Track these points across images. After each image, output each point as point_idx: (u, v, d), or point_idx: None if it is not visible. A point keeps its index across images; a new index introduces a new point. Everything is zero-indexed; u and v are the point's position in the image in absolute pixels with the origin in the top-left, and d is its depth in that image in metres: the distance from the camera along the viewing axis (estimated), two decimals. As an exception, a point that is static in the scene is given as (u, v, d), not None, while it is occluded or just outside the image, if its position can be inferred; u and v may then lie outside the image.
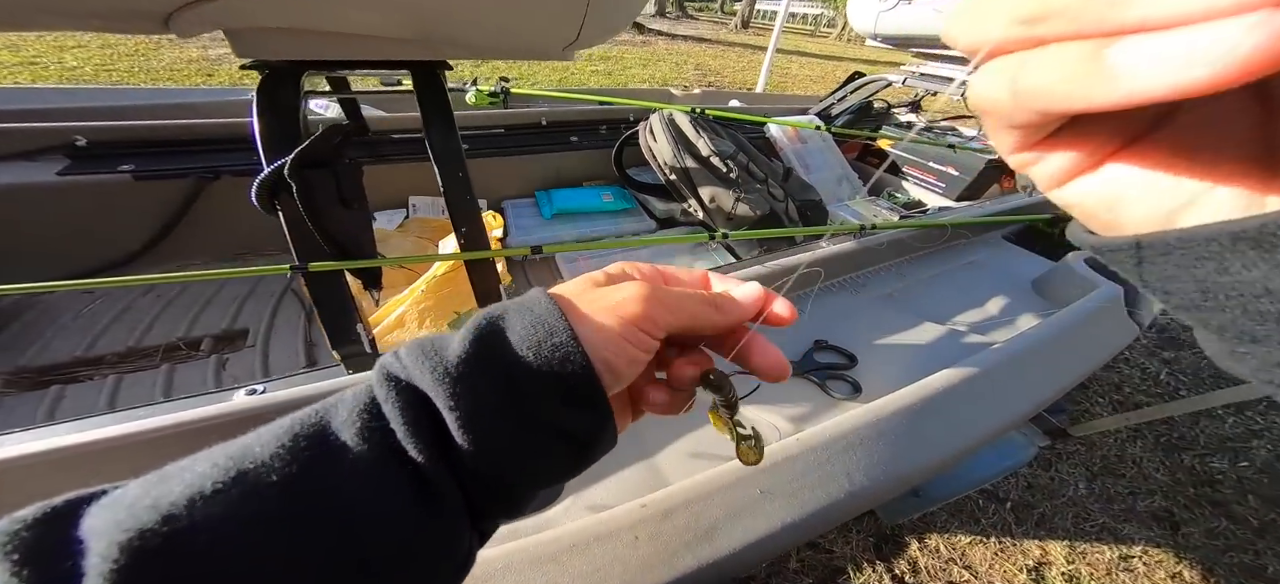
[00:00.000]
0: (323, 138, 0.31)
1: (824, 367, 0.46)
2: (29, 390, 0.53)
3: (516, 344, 0.16)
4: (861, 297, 0.58)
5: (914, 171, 1.21)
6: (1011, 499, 0.91)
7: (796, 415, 0.42)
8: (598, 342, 0.16)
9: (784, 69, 5.23)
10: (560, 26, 0.36)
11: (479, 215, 0.39)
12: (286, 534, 0.13)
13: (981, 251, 0.72)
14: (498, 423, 0.15)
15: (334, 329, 0.35)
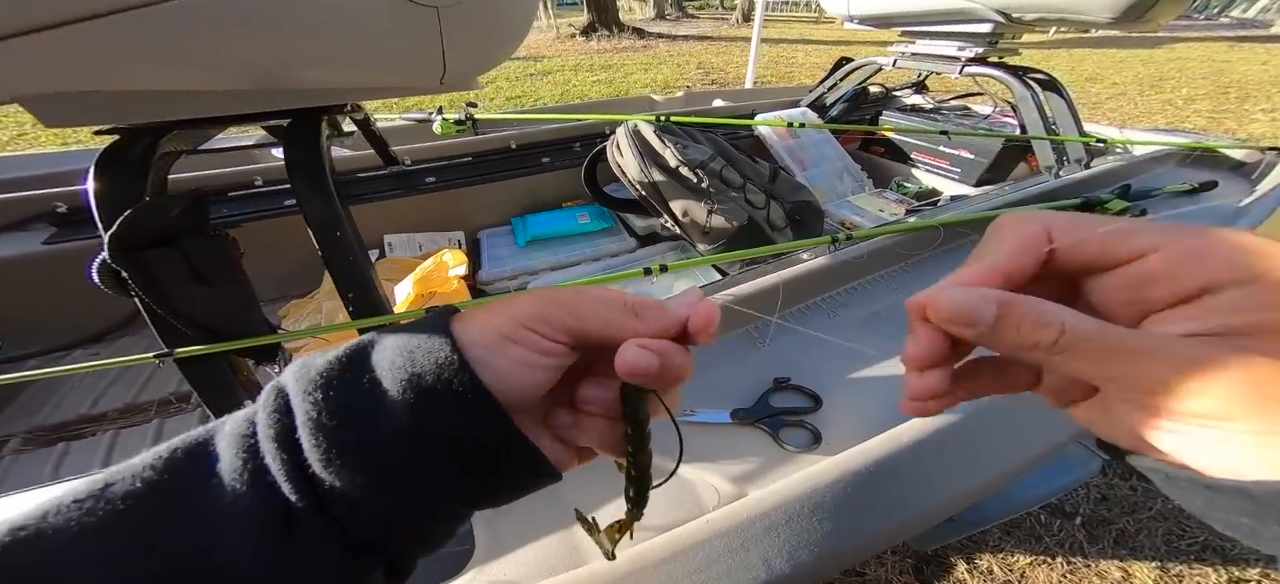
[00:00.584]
0: (148, 212, 0.28)
1: (780, 412, 0.39)
2: (42, 447, 0.54)
3: (386, 350, 0.15)
4: (840, 318, 0.50)
5: (925, 158, 1.10)
6: (1082, 514, 0.79)
7: (739, 475, 0.35)
8: (480, 343, 0.15)
9: (789, 59, 5.06)
10: (421, 67, 0.31)
11: (368, 278, 0.35)
12: (128, 541, 0.13)
13: (994, 249, 0.62)
14: (350, 433, 0.14)
15: (217, 411, 0.32)
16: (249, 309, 0.33)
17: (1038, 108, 0.84)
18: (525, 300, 0.16)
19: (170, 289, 0.29)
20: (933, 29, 0.97)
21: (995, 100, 1.14)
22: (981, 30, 0.88)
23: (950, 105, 1.24)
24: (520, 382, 0.15)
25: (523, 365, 0.15)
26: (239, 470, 0.14)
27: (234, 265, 0.33)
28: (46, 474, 0.50)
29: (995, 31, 0.86)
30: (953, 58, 0.94)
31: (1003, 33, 0.88)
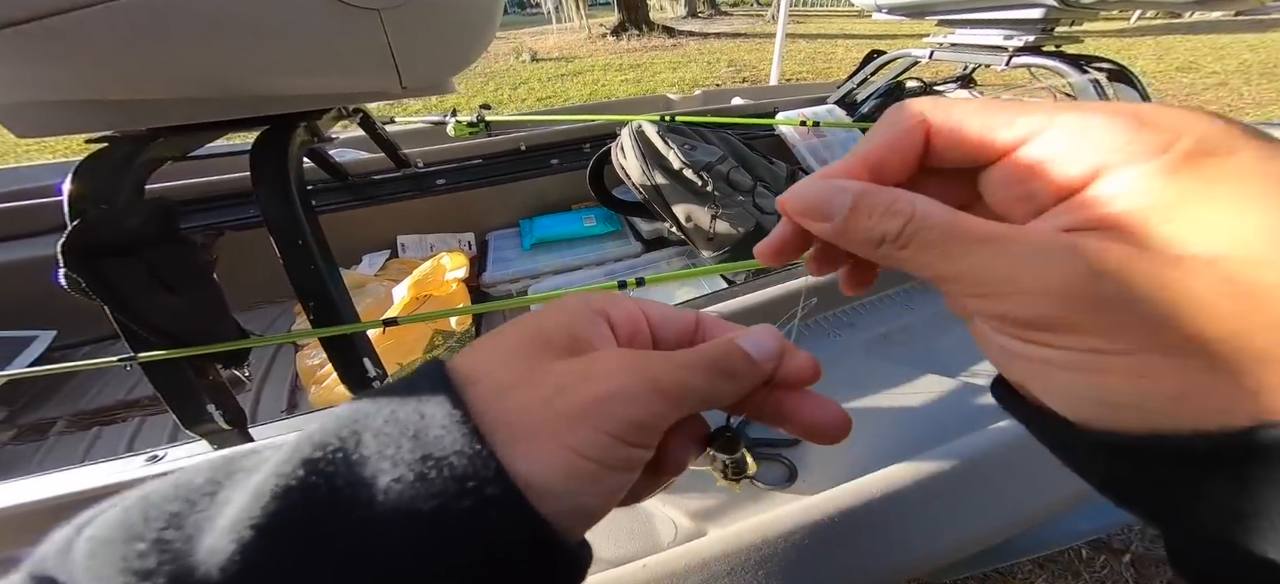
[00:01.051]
0: (103, 222, 0.29)
1: (755, 443, 0.35)
2: (81, 430, 0.60)
3: (384, 511, 0.09)
4: (844, 338, 0.44)
5: (967, 156, 0.99)
6: (1132, 551, 0.69)
7: (700, 510, 0.32)
8: (566, 482, 0.10)
9: (827, 54, 4.83)
10: (373, 71, 0.30)
11: (327, 287, 0.34)
12: None
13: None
14: None
15: (183, 415, 0.33)
16: (217, 315, 0.34)
17: (1102, 101, 0.73)
18: (617, 392, 0.11)
19: (130, 296, 0.29)
20: (974, 17, 0.87)
21: (1054, 94, 1.01)
22: (1032, 16, 0.77)
23: (1003, 99, 1.12)
24: (599, 514, 0.11)
25: (617, 494, 0.11)
26: None
27: (202, 272, 0.33)
28: (79, 455, 0.54)
29: (1049, 17, 0.76)
30: (998, 48, 0.84)
31: (1058, 19, 0.77)
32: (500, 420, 0.10)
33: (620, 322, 0.14)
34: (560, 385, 0.11)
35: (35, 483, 0.31)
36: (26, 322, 0.71)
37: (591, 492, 0.10)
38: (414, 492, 0.09)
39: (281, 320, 0.82)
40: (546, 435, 0.10)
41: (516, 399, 0.11)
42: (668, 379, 0.11)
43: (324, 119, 0.43)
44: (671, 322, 0.15)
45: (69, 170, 0.31)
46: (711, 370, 0.12)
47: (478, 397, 0.11)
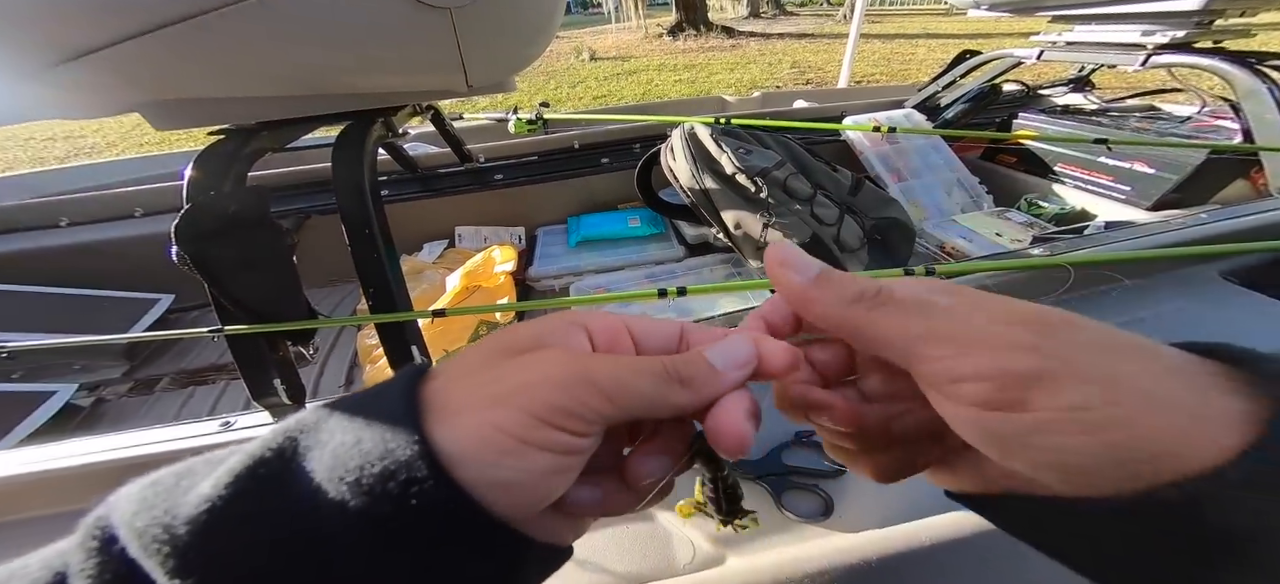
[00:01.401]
0: (208, 207, 0.32)
1: (791, 471, 0.32)
2: (180, 388, 0.69)
3: (319, 475, 0.10)
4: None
5: (1074, 171, 0.86)
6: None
7: (723, 534, 0.30)
8: (479, 451, 0.11)
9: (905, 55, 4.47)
10: (443, 70, 0.32)
11: (386, 276, 0.36)
12: None
13: (1167, 299, 0.44)
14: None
15: (252, 385, 0.36)
16: (293, 295, 0.37)
17: (1279, 106, 0.59)
18: (543, 379, 0.12)
19: (223, 274, 0.32)
20: (1101, 12, 0.74)
21: (1203, 98, 0.84)
22: (1187, 7, 0.64)
23: (1127, 105, 0.95)
24: (540, 496, 0.12)
25: (545, 476, 0.11)
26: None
27: (284, 256, 0.36)
28: (175, 411, 0.63)
29: (1208, 9, 0.63)
30: (1132, 46, 0.71)
31: (1222, 10, 0.63)
32: (438, 403, 0.12)
33: (598, 331, 0.14)
34: (498, 375, 0.12)
35: (123, 438, 0.36)
36: (156, 285, 0.84)
37: (510, 465, 0.11)
38: (351, 454, 0.11)
39: (351, 298, 0.89)
40: (469, 411, 0.11)
41: (459, 387, 0.12)
42: (603, 374, 0.12)
43: (399, 115, 0.46)
44: (655, 333, 0.15)
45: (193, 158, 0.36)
46: (660, 375, 0.13)
47: (431, 387, 0.12)
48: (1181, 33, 0.66)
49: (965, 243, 0.76)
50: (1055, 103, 1.02)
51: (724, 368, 0.13)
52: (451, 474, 0.10)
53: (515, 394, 0.11)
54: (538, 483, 0.11)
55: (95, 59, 0.28)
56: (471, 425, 0.11)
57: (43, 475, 0.36)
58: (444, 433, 0.11)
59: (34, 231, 0.86)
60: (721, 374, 0.13)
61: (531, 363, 0.12)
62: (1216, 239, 0.47)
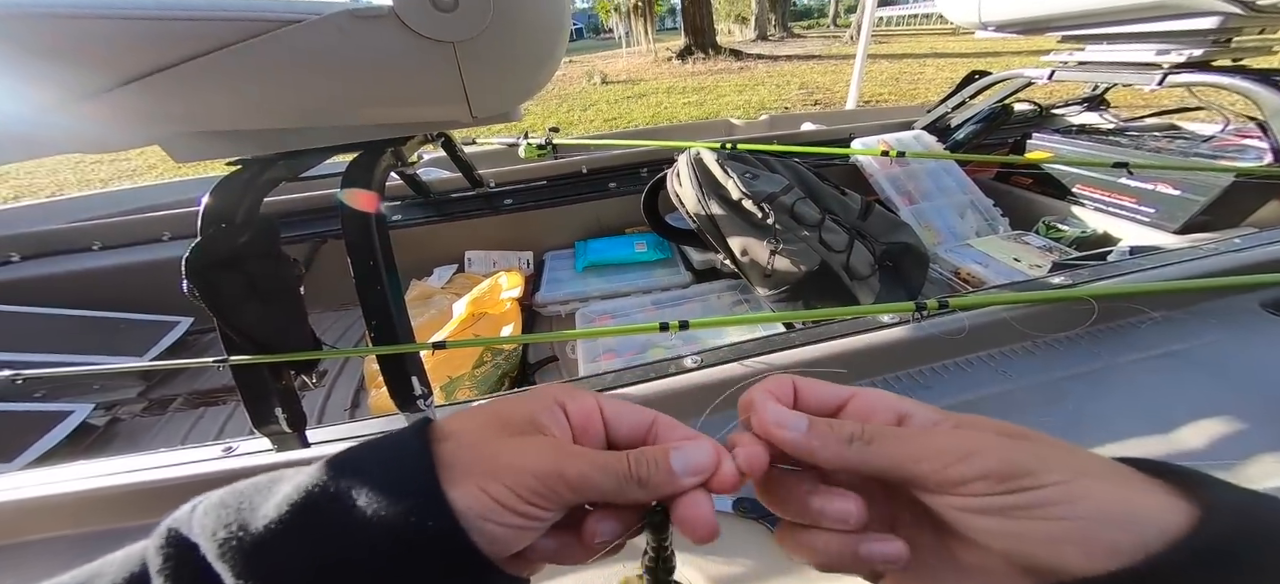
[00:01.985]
0: (220, 238, 0.33)
1: None
2: (192, 408, 0.71)
3: (363, 513, 0.14)
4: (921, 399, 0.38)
5: (1095, 193, 0.84)
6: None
7: (725, 576, 0.28)
8: (478, 509, 0.14)
9: (914, 75, 4.49)
10: (448, 101, 0.32)
11: (388, 306, 0.36)
12: None
13: (1200, 332, 0.41)
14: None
15: (253, 413, 0.36)
16: (296, 325, 0.37)
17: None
18: (527, 468, 0.15)
19: (230, 305, 0.33)
20: (1113, 31, 0.73)
21: (1227, 116, 0.82)
22: (1202, 27, 0.63)
23: (1146, 124, 0.93)
24: (512, 545, 0.15)
25: (517, 533, 0.15)
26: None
27: (289, 286, 0.37)
28: (183, 433, 0.64)
29: (1226, 26, 0.61)
30: (1148, 65, 0.70)
31: (1240, 28, 0.62)
32: (449, 464, 0.15)
33: (575, 414, 0.17)
34: (495, 452, 0.15)
35: (128, 461, 0.36)
36: (180, 306, 0.86)
37: (497, 521, 0.14)
38: (388, 497, 0.14)
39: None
40: (471, 480, 0.15)
41: (466, 454, 0.15)
42: (572, 470, 0.15)
43: (409, 144, 0.47)
44: (625, 418, 0.17)
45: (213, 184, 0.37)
46: (623, 476, 0.15)
47: (444, 450, 0.16)
48: (1198, 51, 0.64)
49: (981, 269, 0.74)
50: (1070, 122, 1.00)
51: (682, 473, 0.15)
52: (459, 524, 0.14)
53: (505, 473, 0.15)
54: (512, 537, 0.15)
55: (118, 94, 0.29)
56: (474, 492, 0.14)
57: (46, 500, 0.36)
58: (456, 494, 0.14)
59: (69, 255, 0.90)
60: (678, 479, 0.15)
61: (521, 449, 0.15)
62: (1254, 267, 0.44)
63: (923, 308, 0.37)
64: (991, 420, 0.15)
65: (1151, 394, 0.37)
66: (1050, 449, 0.14)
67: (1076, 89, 1.05)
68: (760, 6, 9.13)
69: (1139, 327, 0.42)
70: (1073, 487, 0.13)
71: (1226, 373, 0.37)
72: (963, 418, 0.16)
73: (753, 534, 0.30)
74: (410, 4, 0.29)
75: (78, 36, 0.27)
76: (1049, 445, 0.14)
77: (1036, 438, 0.15)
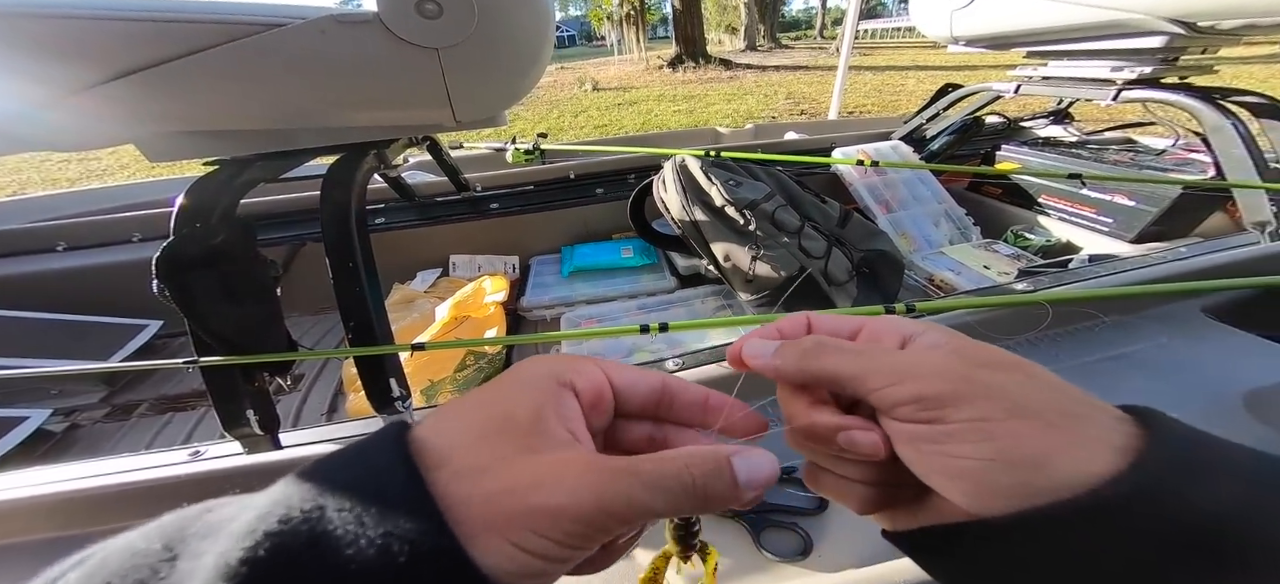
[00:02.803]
0: (193, 239, 0.32)
1: (771, 509, 0.31)
2: (158, 414, 0.68)
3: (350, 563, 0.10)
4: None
5: (1058, 203, 0.88)
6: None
7: (698, 575, 0.29)
8: (517, 568, 0.11)
9: (896, 86, 4.64)
10: (431, 106, 0.33)
11: (367, 309, 0.36)
12: None
13: (1149, 335, 0.44)
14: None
15: (224, 415, 0.36)
16: (271, 327, 0.36)
17: (1244, 141, 0.61)
18: (562, 508, 0.12)
19: (202, 306, 0.32)
20: (1073, 48, 0.77)
21: (1177, 131, 0.87)
22: (1149, 45, 0.67)
23: (1105, 137, 0.98)
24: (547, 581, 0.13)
25: (556, 573, 0.12)
26: None
27: (265, 287, 0.36)
28: (148, 439, 0.61)
29: (1171, 46, 0.66)
30: (1103, 81, 0.74)
31: (1185, 48, 0.66)
32: (460, 513, 0.11)
33: (585, 391, 0.15)
34: (513, 486, 0.12)
35: (88, 466, 0.35)
36: (148, 309, 0.84)
37: (534, 575, 0.12)
38: (381, 565, 0.10)
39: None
40: (496, 532, 0.11)
41: (475, 489, 0.12)
42: (618, 500, 0.12)
43: (392, 147, 0.47)
44: (636, 388, 0.16)
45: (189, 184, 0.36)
46: (680, 494, 0.12)
47: (440, 482, 0.12)
48: (1148, 69, 0.69)
49: (954, 276, 0.77)
50: (1037, 135, 1.05)
51: (747, 487, 0.13)
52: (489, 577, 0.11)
53: (539, 520, 0.12)
54: (555, 576, 0.12)
55: (97, 92, 0.29)
56: (504, 549, 0.11)
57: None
58: (480, 552, 0.11)
59: (31, 256, 0.87)
60: (741, 493, 0.13)
61: (548, 482, 0.12)
62: (1196, 274, 0.47)
63: (892, 312, 0.39)
64: (996, 352, 0.14)
65: (1103, 393, 0.39)
66: (1002, 383, 0.13)
67: (1046, 103, 1.11)
68: (750, 17, 9.35)
69: (1093, 330, 0.44)
70: (989, 426, 0.12)
71: (1169, 374, 0.39)
72: (964, 344, 0.15)
73: (727, 534, 0.31)
74: (394, 10, 0.29)
75: (58, 34, 0.26)
76: (1004, 377, 0.13)
77: (1005, 369, 0.14)
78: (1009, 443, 0.12)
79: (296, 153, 0.42)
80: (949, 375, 0.13)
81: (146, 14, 0.27)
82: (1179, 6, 0.61)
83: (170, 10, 0.28)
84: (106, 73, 0.28)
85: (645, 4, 8.24)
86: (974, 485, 0.13)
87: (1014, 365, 0.14)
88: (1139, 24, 0.65)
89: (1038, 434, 0.12)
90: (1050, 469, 0.12)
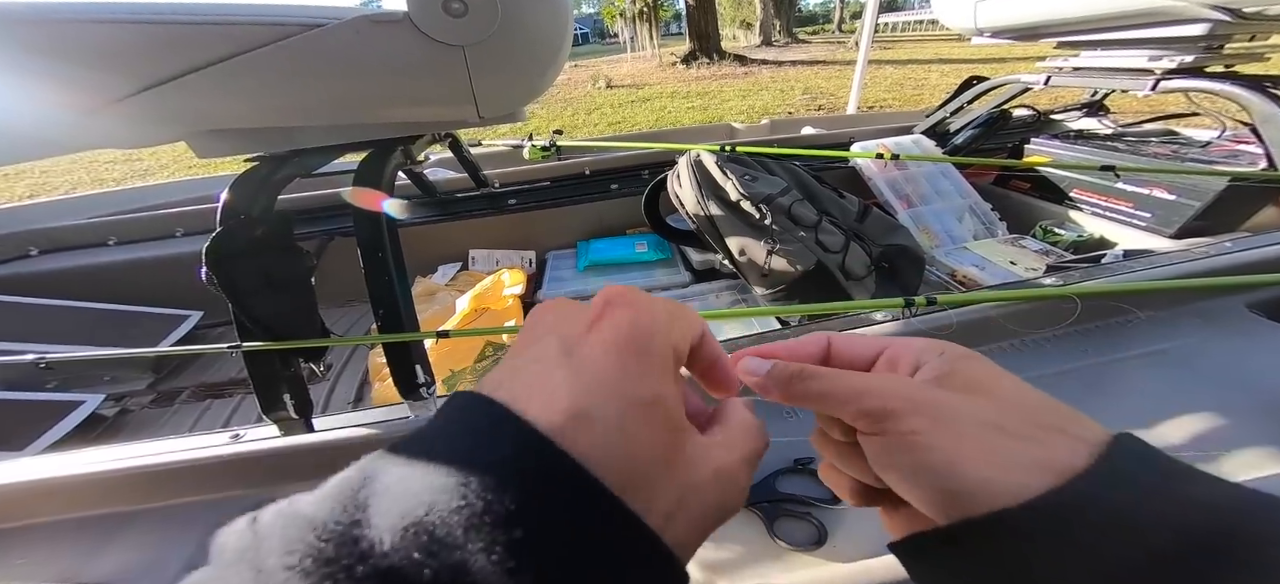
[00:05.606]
0: (237, 230, 0.34)
1: (785, 498, 0.31)
2: (198, 400, 0.72)
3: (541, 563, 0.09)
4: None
5: (1091, 197, 0.85)
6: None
7: (711, 560, 0.29)
8: (688, 536, 0.12)
9: (918, 80, 4.50)
10: (457, 102, 0.34)
11: (395, 297, 0.38)
12: None
13: (1188, 331, 0.42)
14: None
15: (263, 399, 0.38)
16: (309, 315, 0.38)
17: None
18: (730, 504, 0.13)
19: (245, 294, 0.34)
20: (1107, 37, 0.74)
21: (1223, 121, 0.83)
22: (1192, 33, 0.64)
23: (1144, 129, 0.94)
24: None
25: None
26: None
27: (302, 277, 0.38)
28: (190, 423, 0.65)
29: (1216, 34, 0.62)
30: (1141, 71, 0.71)
31: (1230, 34, 0.63)
32: (634, 492, 0.10)
33: (702, 355, 0.16)
34: (693, 484, 0.12)
35: (139, 448, 0.38)
36: (190, 301, 0.88)
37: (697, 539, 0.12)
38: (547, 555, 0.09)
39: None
40: (679, 498, 0.11)
41: (647, 476, 0.11)
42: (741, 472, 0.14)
43: (418, 143, 0.49)
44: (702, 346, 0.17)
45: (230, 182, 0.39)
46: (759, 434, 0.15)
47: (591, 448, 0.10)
48: (1190, 57, 0.65)
49: (978, 271, 0.75)
50: (1069, 128, 1.01)
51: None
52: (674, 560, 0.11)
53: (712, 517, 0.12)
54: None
55: (148, 95, 0.31)
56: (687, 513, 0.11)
57: (55, 482, 0.37)
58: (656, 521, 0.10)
59: (85, 250, 0.93)
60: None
61: (728, 436, 0.14)
62: (1241, 269, 0.45)
63: (911, 304, 0.38)
64: (982, 377, 0.15)
65: (1137, 390, 0.38)
66: (953, 403, 0.14)
67: (1077, 95, 1.06)
68: (765, 12, 9.21)
69: (1126, 326, 0.42)
70: (915, 438, 0.13)
71: (1210, 371, 0.38)
72: (960, 370, 0.15)
73: (742, 523, 0.31)
74: (423, 9, 0.30)
75: (113, 41, 0.28)
76: (960, 400, 0.14)
77: (972, 392, 0.15)
78: (936, 459, 0.13)
79: (330, 149, 0.44)
80: (900, 395, 0.15)
81: (198, 18, 0.29)
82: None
83: (219, 15, 0.29)
84: (158, 76, 0.30)
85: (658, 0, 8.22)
86: (912, 492, 0.14)
87: (986, 391, 0.15)
88: (1179, 11, 0.62)
89: (970, 452, 0.13)
90: (983, 492, 0.12)
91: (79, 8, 0.29)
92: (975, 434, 0.13)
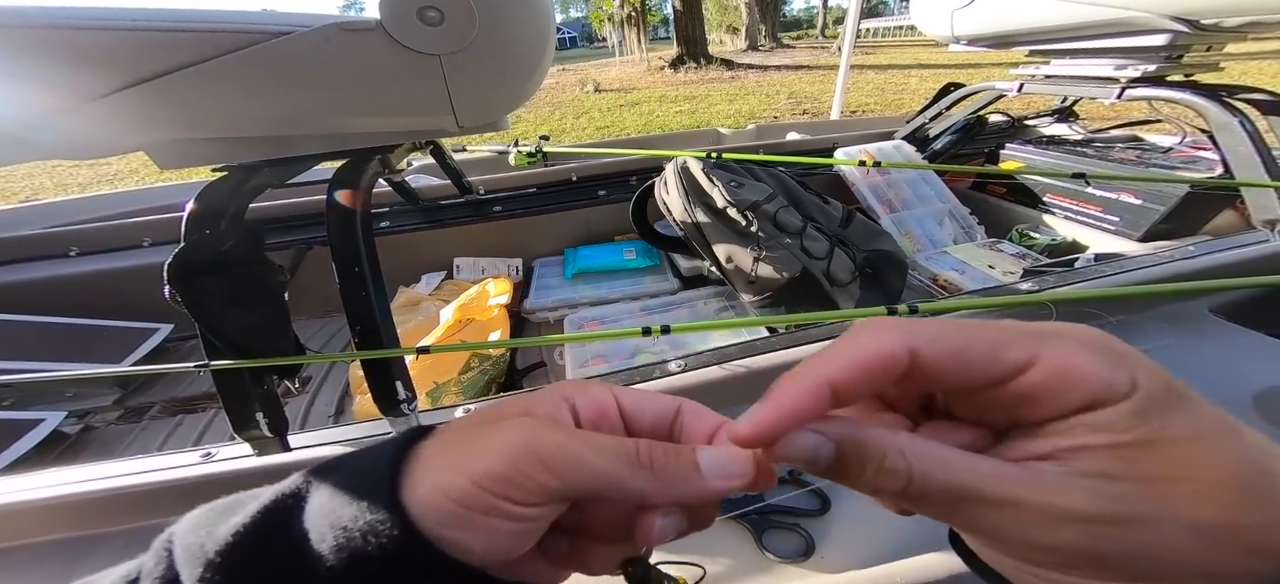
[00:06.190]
0: (203, 243, 0.33)
1: (773, 510, 0.31)
2: (169, 415, 0.69)
3: (314, 519, 0.13)
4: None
5: (1063, 202, 0.87)
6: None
7: (697, 577, 0.29)
8: (429, 512, 0.12)
9: (899, 85, 4.61)
10: (434, 112, 0.33)
11: (373, 312, 0.37)
12: None
13: (1155, 335, 0.44)
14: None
15: (234, 418, 0.36)
16: (281, 330, 0.37)
17: (1252, 139, 0.60)
18: (491, 450, 0.12)
19: (212, 311, 0.33)
20: (1075, 46, 0.77)
21: (1183, 128, 0.86)
22: (1153, 44, 0.67)
23: (1111, 135, 0.97)
24: (497, 551, 0.13)
25: (496, 536, 0.12)
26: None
27: (274, 291, 0.37)
28: (159, 441, 0.62)
29: (1175, 44, 0.65)
30: (1107, 79, 0.74)
31: (1189, 45, 0.66)
32: (415, 465, 0.13)
33: (585, 408, 0.14)
34: (468, 440, 0.13)
35: (103, 468, 0.36)
36: (159, 313, 0.85)
37: (454, 528, 0.12)
38: (343, 508, 0.13)
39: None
40: (428, 479, 0.13)
41: (436, 453, 0.13)
42: (549, 447, 0.12)
43: (396, 152, 0.48)
44: (646, 410, 0.15)
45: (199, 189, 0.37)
46: (624, 457, 0.13)
47: (417, 449, 0.14)
48: (1152, 67, 0.68)
49: (958, 275, 0.76)
50: (1041, 133, 1.04)
51: (710, 475, 0.13)
52: (417, 527, 0.12)
53: (463, 462, 0.13)
54: (493, 542, 0.12)
55: (110, 101, 0.29)
56: (425, 490, 0.13)
57: (12, 506, 0.35)
58: (413, 497, 0.12)
59: (44, 261, 0.88)
60: (705, 479, 0.13)
61: (496, 432, 0.13)
62: (1203, 274, 0.47)
63: (894, 312, 0.39)
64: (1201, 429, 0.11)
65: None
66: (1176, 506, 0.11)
67: (1048, 101, 1.10)
68: (751, 17, 9.34)
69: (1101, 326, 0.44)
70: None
71: (1175, 373, 0.39)
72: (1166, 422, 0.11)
73: (729, 534, 0.31)
74: (397, 18, 0.30)
75: (72, 45, 0.27)
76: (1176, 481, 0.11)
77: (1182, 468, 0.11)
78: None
79: (303, 158, 0.43)
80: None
81: (157, 24, 0.28)
82: (1182, 4, 0.60)
83: (181, 21, 0.28)
84: (119, 82, 0.29)
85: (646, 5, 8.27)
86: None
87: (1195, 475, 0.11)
88: (1142, 22, 0.64)
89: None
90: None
91: (35, 12, 0.27)
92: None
